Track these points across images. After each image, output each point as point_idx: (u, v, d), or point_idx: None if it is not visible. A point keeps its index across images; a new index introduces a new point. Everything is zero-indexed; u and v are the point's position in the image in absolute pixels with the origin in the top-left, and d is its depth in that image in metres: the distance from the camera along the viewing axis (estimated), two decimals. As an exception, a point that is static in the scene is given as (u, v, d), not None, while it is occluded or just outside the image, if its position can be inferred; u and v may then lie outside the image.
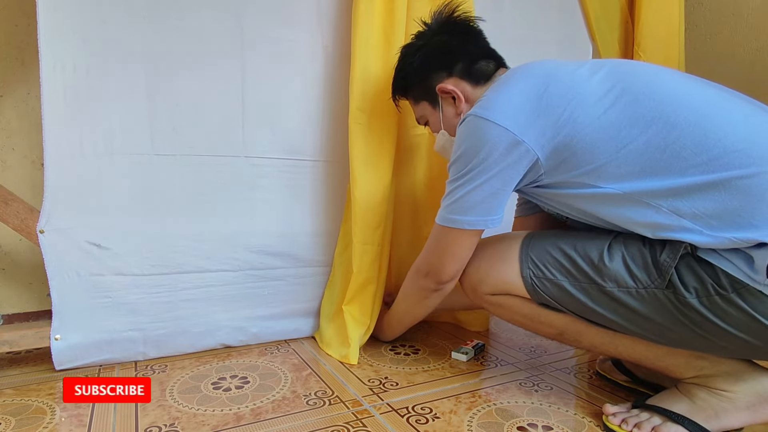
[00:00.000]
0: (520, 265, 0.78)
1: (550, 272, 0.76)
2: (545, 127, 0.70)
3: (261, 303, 1.07)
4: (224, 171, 1.02)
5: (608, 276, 0.70)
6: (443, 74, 0.87)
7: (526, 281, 0.78)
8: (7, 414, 0.78)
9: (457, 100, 0.86)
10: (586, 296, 0.73)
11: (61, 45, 0.87)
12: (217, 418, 0.76)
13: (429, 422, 0.76)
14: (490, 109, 0.72)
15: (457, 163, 0.76)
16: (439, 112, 0.90)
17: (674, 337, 0.69)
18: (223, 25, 0.99)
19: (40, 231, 0.89)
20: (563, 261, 0.75)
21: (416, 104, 0.95)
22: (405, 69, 0.92)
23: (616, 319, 0.71)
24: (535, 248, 0.78)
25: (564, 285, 0.74)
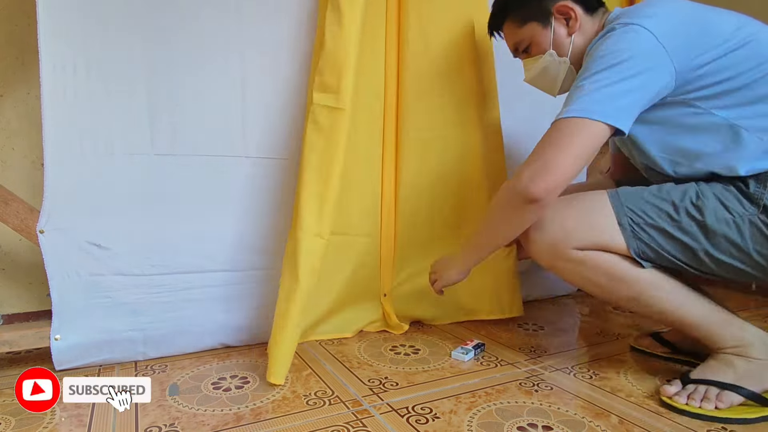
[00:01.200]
0: (617, 215, 0.81)
1: (650, 217, 0.80)
2: (689, 50, 0.76)
3: (261, 303, 1.07)
4: (224, 171, 1.01)
5: (707, 210, 0.77)
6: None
7: (624, 229, 0.80)
8: (7, 414, 0.78)
9: (572, 20, 0.90)
10: (686, 236, 0.78)
11: (61, 45, 0.87)
12: (217, 418, 0.76)
13: (429, 422, 0.76)
14: (640, 17, 0.78)
15: (597, 59, 0.78)
16: (549, 33, 0.91)
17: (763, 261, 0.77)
18: (224, 24, 0.99)
19: (40, 231, 0.89)
20: (661, 205, 0.80)
21: (521, 26, 0.94)
22: None
23: (714, 253, 0.78)
24: (628, 198, 0.82)
25: (665, 227, 0.79)
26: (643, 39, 0.76)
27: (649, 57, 0.76)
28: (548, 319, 1.31)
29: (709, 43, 0.77)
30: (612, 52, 0.77)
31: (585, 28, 0.91)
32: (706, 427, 0.75)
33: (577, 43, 0.91)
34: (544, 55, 0.93)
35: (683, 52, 0.77)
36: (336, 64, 0.93)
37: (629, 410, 0.80)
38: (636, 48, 0.76)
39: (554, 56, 0.93)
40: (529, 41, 0.94)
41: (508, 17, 0.96)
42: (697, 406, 0.78)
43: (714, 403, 0.78)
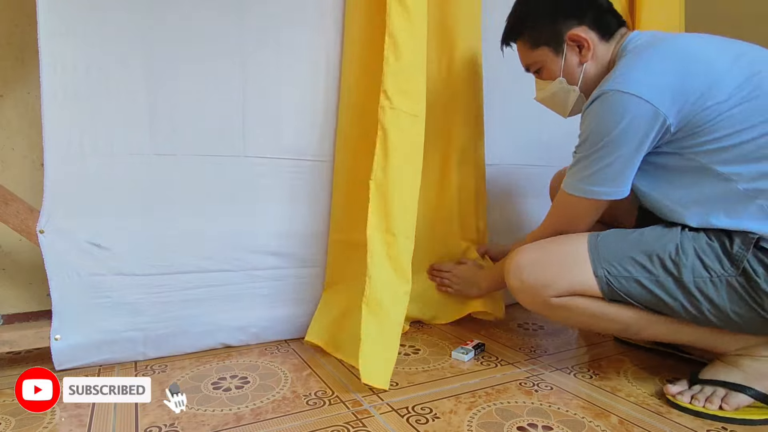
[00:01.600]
0: (593, 265, 0.82)
1: (626, 269, 0.80)
2: (683, 103, 0.75)
3: (261, 303, 1.07)
4: (224, 171, 1.01)
5: (685, 268, 0.77)
6: (574, 21, 0.87)
7: (600, 280, 0.81)
8: (7, 414, 0.78)
9: (584, 49, 0.88)
10: (661, 290, 0.79)
11: (61, 45, 0.87)
12: (217, 418, 0.76)
13: (429, 422, 0.76)
14: (633, 83, 0.75)
15: (594, 135, 0.79)
16: (561, 60, 0.90)
17: (739, 321, 0.77)
18: (224, 24, 0.99)
19: (40, 231, 0.89)
20: (638, 258, 0.80)
21: (533, 49, 0.92)
22: (532, 11, 0.91)
23: (690, 309, 0.78)
24: (605, 249, 0.82)
25: (641, 280, 0.80)
26: (628, 107, 0.75)
27: (635, 125, 0.76)
28: (548, 319, 1.31)
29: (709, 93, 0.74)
30: (599, 129, 0.79)
31: (599, 56, 0.89)
32: (706, 427, 0.75)
33: (589, 72, 0.90)
34: (554, 82, 0.92)
35: (680, 106, 0.75)
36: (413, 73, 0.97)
37: (629, 410, 0.81)
38: (621, 121, 0.76)
39: (564, 83, 0.92)
40: (540, 65, 0.94)
41: (521, 37, 0.95)
42: (700, 406, 0.78)
43: (718, 404, 0.78)
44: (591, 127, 0.80)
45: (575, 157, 0.85)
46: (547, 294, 0.84)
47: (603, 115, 0.78)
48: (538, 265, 0.86)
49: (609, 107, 0.77)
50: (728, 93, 0.74)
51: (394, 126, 0.93)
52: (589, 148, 0.81)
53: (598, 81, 0.88)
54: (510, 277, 0.89)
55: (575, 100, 0.93)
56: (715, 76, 0.75)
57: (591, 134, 0.80)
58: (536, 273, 0.85)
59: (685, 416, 0.79)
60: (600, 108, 0.78)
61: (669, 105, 0.75)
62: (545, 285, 0.84)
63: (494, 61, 1.20)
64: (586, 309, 0.84)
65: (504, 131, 1.37)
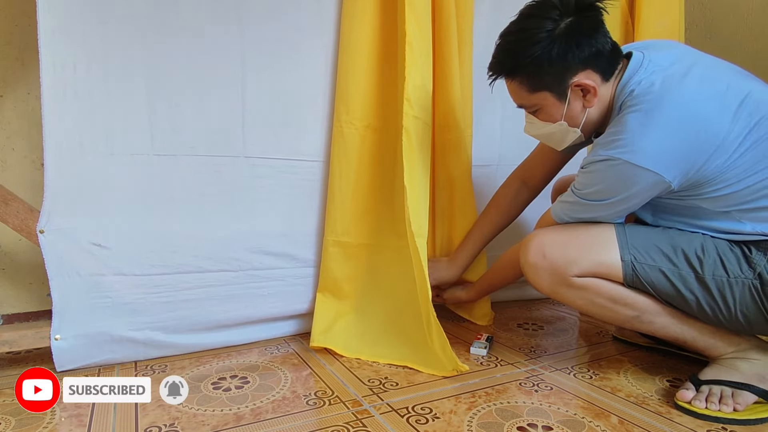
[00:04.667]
0: (621, 250, 0.84)
1: (652, 258, 0.83)
2: (688, 170, 0.77)
3: (261, 303, 1.07)
4: (224, 171, 1.01)
5: (706, 265, 0.80)
6: (580, 67, 0.82)
7: (626, 264, 0.83)
8: (7, 414, 0.78)
9: (589, 95, 0.84)
10: (682, 283, 0.82)
11: (61, 45, 0.87)
12: (217, 418, 0.76)
13: (429, 422, 0.76)
14: (643, 156, 0.76)
15: (598, 194, 0.83)
16: (564, 105, 0.85)
17: (744, 321, 0.81)
18: (224, 24, 0.99)
19: (40, 231, 0.89)
20: (665, 249, 0.83)
21: (532, 92, 0.86)
22: (535, 57, 0.81)
23: (703, 304, 0.81)
24: (633, 236, 0.85)
25: (664, 270, 0.82)
26: (638, 179, 0.78)
27: (641, 192, 0.80)
28: (548, 319, 1.31)
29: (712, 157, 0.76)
30: (604, 190, 0.82)
31: (601, 96, 0.85)
32: (706, 427, 0.75)
33: (591, 114, 0.87)
34: (553, 124, 0.88)
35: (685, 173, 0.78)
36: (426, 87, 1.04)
37: (629, 410, 0.81)
38: (628, 190, 0.80)
39: (564, 125, 0.88)
40: (539, 107, 0.88)
41: (518, 78, 0.86)
42: (716, 410, 0.79)
43: (732, 406, 0.79)
44: (597, 186, 0.83)
45: (573, 195, 0.87)
46: (570, 272, 0.84)
47: (611, 181, 0.80)
48: (563, 244, 0.86)
49: (618, 176, 0.79)
50: (731, 151, 0.76)
51: (414, 132, 1.01)
52: (590, 199, 0.85)
53: (598, 120, 0.88)
54: (530, 254, 0.87)
55: (574, 138, 0.90)
56: (719, 140, 0.76)
57: (597, 191, 0.83)
58: (561, 250, 0.85)
59: (685, 416, 0.79)
60: (608, 174, 0.80)
61: (675, 174, 0.77)
62: (569, 262, 0.84)
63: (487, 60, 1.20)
64: (605, 291, 0.85)
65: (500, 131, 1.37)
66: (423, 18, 1.04)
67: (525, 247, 0.90)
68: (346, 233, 1.10)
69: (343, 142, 1.08)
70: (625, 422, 0.77)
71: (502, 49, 0.86)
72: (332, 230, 1.09)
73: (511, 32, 0.85)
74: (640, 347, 1.09)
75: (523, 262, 0.90)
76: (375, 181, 1.11)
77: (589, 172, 0.83)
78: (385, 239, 1.12)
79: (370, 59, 1.08)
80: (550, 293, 0.89)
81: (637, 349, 1.09)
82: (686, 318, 0.85)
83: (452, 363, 0.94)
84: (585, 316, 1.35)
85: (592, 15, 0.81)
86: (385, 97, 1.10)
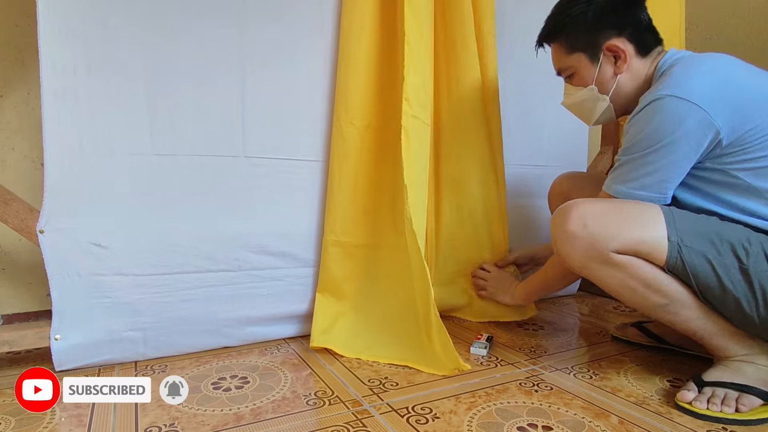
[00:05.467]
0: (668, 230, 0.80)
1: (699, 243, 0.79)
2: (736, 117, 0.76)
3: (261, 303, 1.07)
4: (224, 171, 1.01)
5: (752, 258, 0.77)
6: (613, 32, 0.88)
7: (672, 245, 0.79)
8: (7, 414, 0.78)
9: (620, 60, 0.89)
10: (725, 273, 0.78)
11: (61, 45, 0.87)
12: (217, 418, 0.76)
13: (429, 422, 0.76)
14: (690, 91, 0.76)
15: (647, 139, 0.80)
16: (595, 68, 0.90)
17: None
18: (224, 25, 0.99)
19: (40, 231, 0.89)
20: (712, 237, 0.79)
21: (568, 54, 0.93)
22: (573, 16, 0.91)
23: (741, 298, 0.78)
24: (683, 220, 0.81)
25: (710, 258, 0.79)
26: (687, 113, 0.76)
27: (692, 132, 0.77)
28: (548, 319, 1.31)
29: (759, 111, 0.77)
30: (653, 132, 0.79)
31: (634, 70, 0.89)
32: (706, 427, 0.75)
33: (622, 84, 0.91)
34: (585, 89, 0.93)
35: (732, 120, 0.77)
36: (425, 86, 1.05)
37: (629, 410, 0.81)
38: (678, 126, 0.77)
39: (595, 91, 0.93)
40: (574, 70, 0.94)
41: (558, 40, 0.95)
42: (717, 411, 0.78)
43: (734, 407, 0.78)
44: (643, 130, 0.80)
45: (619, 161, 0.85)
46: (610, 246, 0.80)
47: (658, 119, 0.78)
48: (606, 215, 0.81)
49: (667, 112, 0.77)
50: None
51: (413, 132, 1.02)
52: (638, 151, 0.81)
53: (630, 95, 0.91)
54: (570, 222, 0.82)
55: (603, 109, 0.94)
56: (764, 96, 0.77)
57: (644, 138, 0.80)
58: (603, 222, 0.80)
59: (685, 416, 0.79)
60: (655, 112, 0.78)
61: (723, 117, 0.76)
62: (611, 236, 0.79)
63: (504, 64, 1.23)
64: (642, 273, 0.81)
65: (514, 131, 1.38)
66: (423, 17, 1.04)
67: (564, 214, 0.83)
68: (346, 233, 1.10)
69: (342, 142, 1.08)
70: (625, 422, 0.77)
71: (548, 17, 0.97)
72: (332, 230, 1.09)
73: (558, 3, 0.96)
74: (641, 347, 1.09)
75: (559, 231, 0.84)
76: (375, 181, 1.11)
77: (636, 121, 0.82)
78: (384, 239, 1.12)
79: (370, 59, 1.08)
80: (580, 268, 0.84)
81: (638, 348, 1.09)
82: (710, 314, 0.83)
83: (454, 362, 0.94)
84: (585, 316, 1.35)
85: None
86: (384, 97, 1.10)
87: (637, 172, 0.83)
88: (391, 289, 1.10)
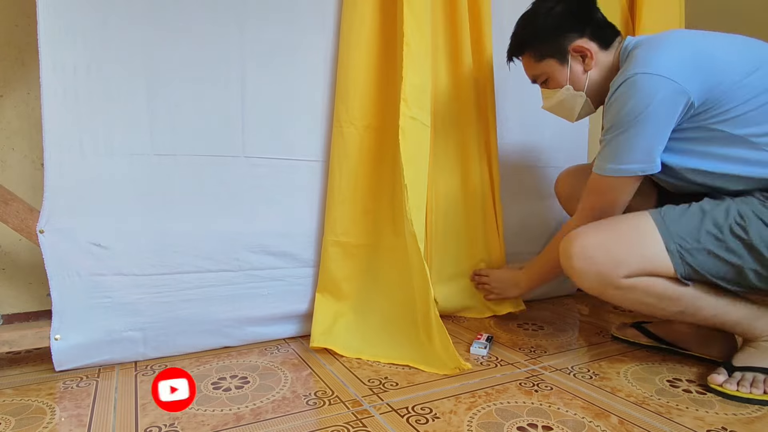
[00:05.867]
0: (665, 241, 0.83)
1: (697, 241, 0.82)
2: (702, 80, 0.81)
3: (261, 303, 1.07)
4: (224, 171, 1.01)
5: (752, 230, 0.80)
6: (576, 35, 0.96)
7: (674, 255, 0.83)
8: (7, 414, 0.78)
9: (587, 58, 0.96)
10: (733, 255, 0.81)
11: (61, 45, 0.87)
12: (217, 418, 0.76)
13: (429, 422, 0.76)
14: (657, 66, 0.82)
15: (625, 115, 0.84)
16: (566, 69, 0.98)
17: None
18: (224, 25, 0.99)
19: (40, 231, 0.89)
20: (706, 227, 0.82)
21: (538, 61, 1.00)
22: (537, 28, 0.99)
23: (761, 270, 0.81)
24: (673, 223, 0.84)
25: (712, 249, 0.82)
26: (658, 86, 0.81)
27: (665, 102, 0.82)
28: (548, 319, 1.31)
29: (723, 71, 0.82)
30: (630, 109, 0.83)
31: (601, 63, 0.97)
32: (706, 427, 0.75)
33: (593, 78, 0.98)
34: (561, 89, 1.00)
35: (700, 83, 0.81)
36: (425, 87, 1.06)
37: (629, 410, 0.81)
38: (652, 99, 0.81)
39: (571, 90, 0.99)
40: (547, 76, 1.01)
41: (526, 52, 1.02)
42: (747, 392, 0.82)
43: (763, 389, 0.82)
44: (621, 109, 0.84)
45: (603, 142, 0.90)
46: (619, 273, 0.84)
47: (633, 95, 0.83)
48: (607, 244, 0.86)
49: (638, 88, 0.82)
50: (740, 71, 0.81)
51: (410, 133, 1.02)
52: (619, 128, 0.85)
53: (602, 85, 0.97)
54: (574, 259, 0.87)
55: (582, 104, 1.01)
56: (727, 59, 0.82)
57: (622, 115, 0.84)
58: (606, 252, 0.85)
59: (685, 416, 0.79)
60: (629, 90, 0.83)
61: (692, 83, 0.81)
62: (617, 264, 0.84)
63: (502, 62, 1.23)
64: (654, 289, 0.85)
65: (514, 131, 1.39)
66: (422, 18, 1.04)
67: (566, 250, 0.89)
68: (346, 233, 1.10)
69: (342, 142, 1.08)
70: (625, 422, 0.77)
71: (514, 32, 1.04)
72: (332, 230, 1.09)
73: (521, 16, 1.03)
74: (641, 347, 1.09)
75: (567, 266, 0.90)
76: (375, 181, 1.11)
77: (612, 102, 0.86)
78: (384, 239, 1.12)
79: (370, 59, 1.08)
80: (599, 294, 0.90)
81: (638, 348, 1.09)
82: (728, 305, 0.87)
83: (454, 361, 0.94)
84: (585, 316, 1.35)
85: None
86: (384, 97, 1.10)
87: (622, 147, 0.86)
88: (391, 289, 1.10)
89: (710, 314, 0.88)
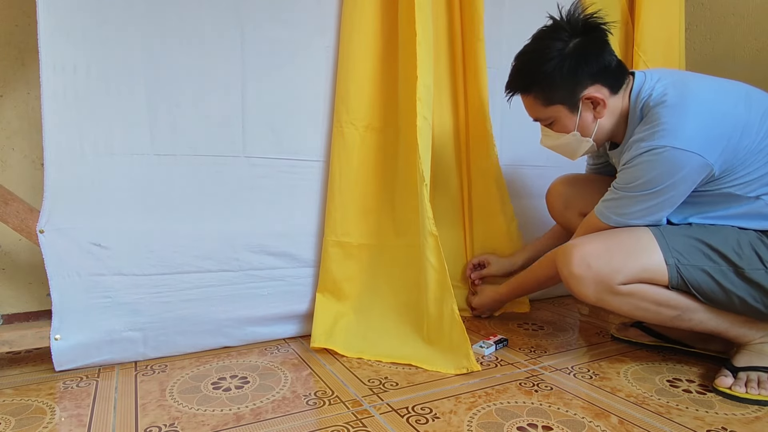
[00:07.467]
0: (664, 253, 0.86)
1: (694, 259, 0.86)
2: (724, 149, 0.83)
3: (261, 303, 1.07)
4: (224, 171, 1.02)
5: (744, 259, 0.84)
6: (589, 82, 0.90)
7: (671, 268, 0.86)
8: (7, 414, 0.78)
9: (599, 106, 0.91)
10: (724, 279, 0.85)
11: (61, 45, 0.87)
12: (217, 418, 0.76)
13: (429, 422, 0.76)
14: (683, 139, 0.82)
15: (648, 183, 0.85)
16: (576, 117, 0.93)
17: None
18: (224, 25, 0.99)
19: (40, 231, 0.89)
20: (703, 249, 0.86)
21: (546, 106, 0.94)
22: (548, 72, 0.89)
23: (746, 298, 0.84)
24: (673, 239, 0.87)
25: (707, 270, 0.85)
26: (685, 162, 0.82)
27: (690, 176, 0.83)
28: (548, 319, 1.31)
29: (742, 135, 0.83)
30: (653, 178, 0.84)
31: (611, 108, 0.93)
32: (705, 427, 0.75)
33: (603, 124, 0.94)
34: (568, 135, 0.96)
35: (723, 154, 0.82)
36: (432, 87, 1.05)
37: (629, 410, 0.81)
38: (677, 173, 0.82)
39: (578, 136, 0.95)
40: (553, 120, 0.95)
41: (533, 93, 0.94)
42: (756, 394, 0.84)
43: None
44: (644, 175, 0.85)
45: (617, 193, 0.90)
46: (616, 280, 0.86)
47: (659, 167, 0.83)
48: (606, 253, 0.88)
49: (667, 162, 0.82)
50: (754, 133, 0.83)
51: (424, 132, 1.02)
52: (636, 189, 0.87)
53: (611, 129, 0.95)
54: (573, 266, 0.89)
55: (587, 148, 0.97)
56: (742, 123, 0.83)
57: (644, 181, 0.85)
58: (605, 259, 0.87)
59: (685, 416, 0.79)
60: (656, 159, 0.83)
61: (715, 156, 0.82)
62: (615, 271, 0.86)
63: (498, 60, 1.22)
64: (650, 295, 0.88)
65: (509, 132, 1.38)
66: (428, 19, 1.04)
67: (566, 258, 0.90)
68: (347, 234, 1.10)
69: (343, 143, 1.08)
70: (625, 422, 0.77)
71: (518, 68, 0.95)
72: (332, 230, 1.09)
73: (526, 52, 0.94)
74: (643, 346, 1.09)
75: (566, 273, 0.90)
76: (375, 182, 1.12)
77: (634, 165, 0.86)
78: (385, 239, 1.12)
79: (371, 59, 1.08)
80: (596, 302, 0.90)
81: (638, 348, 1.09)
82: (720, 312, 0.89)
83: (467, 360, 0.94)
84: (585, 316, 1.35)
85: (598, 35, 0.89)
86: (385, 98, 1.10)
87: (635, 208, 0.89)
88: (392, 289, 1.10)
89: (704, 318, 0.89)
